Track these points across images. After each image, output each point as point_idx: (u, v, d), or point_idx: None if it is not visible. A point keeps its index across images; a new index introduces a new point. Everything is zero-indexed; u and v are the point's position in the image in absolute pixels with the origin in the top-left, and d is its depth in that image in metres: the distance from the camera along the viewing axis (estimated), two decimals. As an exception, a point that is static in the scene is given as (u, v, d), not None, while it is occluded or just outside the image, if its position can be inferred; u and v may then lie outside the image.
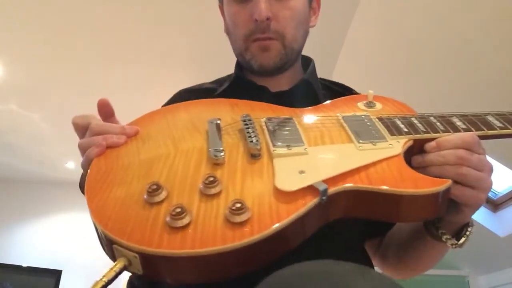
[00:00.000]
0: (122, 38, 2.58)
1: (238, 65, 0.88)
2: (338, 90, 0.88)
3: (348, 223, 0.61)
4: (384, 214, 0.55)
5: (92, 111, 0.81)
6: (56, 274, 3.87)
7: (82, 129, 0.62)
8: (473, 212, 0.61)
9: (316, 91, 0.84)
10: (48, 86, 3.04)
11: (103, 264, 0.49)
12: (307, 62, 0.92)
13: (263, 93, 0.81)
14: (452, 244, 0.63)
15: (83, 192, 0.56)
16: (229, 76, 0.92)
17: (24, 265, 3.86)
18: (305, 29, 0.84)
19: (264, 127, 0.64)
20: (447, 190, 0.54)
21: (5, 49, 2.70)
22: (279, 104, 0.77)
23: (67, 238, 4.06)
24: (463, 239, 0.63)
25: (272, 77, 0.83)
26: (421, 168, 0.60)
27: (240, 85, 0.85)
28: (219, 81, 0.92)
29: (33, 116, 3.42)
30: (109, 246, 0.48)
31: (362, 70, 2.57)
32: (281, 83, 0.84)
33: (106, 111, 0.64)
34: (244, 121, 0.65)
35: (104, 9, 2.34)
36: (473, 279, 3.84)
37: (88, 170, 0.57)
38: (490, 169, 0.59)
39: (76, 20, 2.43)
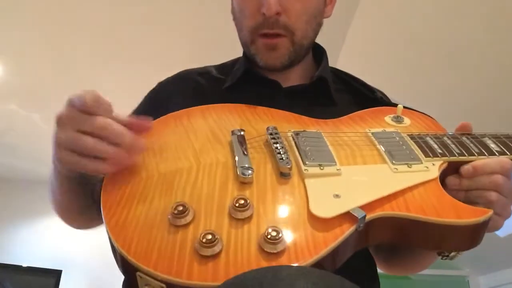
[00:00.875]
0: (123, 39, 2.57)
1: (245, 53, 0.83)
2: (358, 88, 0.83)
3: None
4: (421, 242, 0.53)
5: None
6: (56, 274, 3.86)
7: (81, 111, 0.51)
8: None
9: (330, 87, 0.80)
10: (48, 86, 3.03)
11: (103, 264, 0.48)
12: (319, 50, 0.86)
13: (275, 89, 0.78)
14: (443, 257, 0.61)
15: (98, 203, 0.52)
16: (233, 62, 0.87)
17: (24, 265, 3.85)
18: (319, 22, 0.78)
19: (292, 142, 0.60)
20: (488, 220, 0.51)
21: (5, 49, 2.69)
22: (292, 101, 0.75)
23: (67, 238, 4.04)
24: (454, 253, 0.61)
25: (282, 71, 0.79)
26: (454, 191, 0.58)
27: (250, 79, 0.79)
28: (224, 68, 0.87)
29: (33, 116, 3.41)
30: (131, 272, 0.44)
31: (363, 68, 2.56)
32: (292, 77, 0.81)
33: (105, 108, 0.53)
34: (271, 134, 0.61)
35: (105, 9, 2.34)
36: (473, 279, 3.84)
37: (102, 185, 0.53)
38: None
39: (77, 20, 2.42)
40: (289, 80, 0.80)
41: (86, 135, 0.51)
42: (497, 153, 0.61)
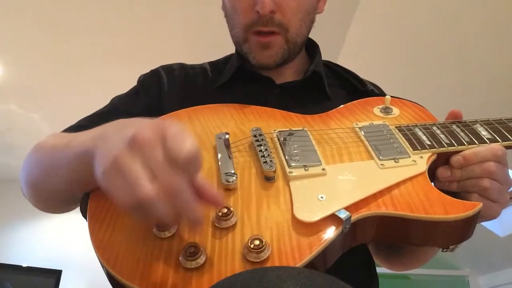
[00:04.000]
0: (123, 38, 2.57)
1: (238, 51, 0.81)
2: (350, 81, 0.82)
3: None
4: (411, 239, 0.52)
5: (92, 110, 0.80)
6: (56, 274, 3.86)
7: (169, 156, 0.39)
8: (481, 222, 0.58)
9: (324, 81, 0.79)
10: (48, 86, 3.03)
11: (103, 264, 0.48)
12: (312, 45, 0.86)
13: (268, 86, 0.77)
14: (443, 249, 0.61)
15: (84, 215, 0.52)
16: (226, 59, 0.86)
17: (24, 265, 3.85)
18: (312, 18, 0.78)
19: (277, 142, 0.59)
20: (478, 213, 0.50)
21: (5, 49, 2.69)
22: (286, 98, 0.74)
23: (67, 238, 4.04)
24: (453, 245, 0.60)
25: (275, 69, 0.77)
26: (446, 182, 0.57)
27: (243, 76, 0.78)
28: (217, 65, 0.85)
29: (33, 116, 3.41)
30: (118, 287, 0.44)
31: (363, 67, 2.57)
32: (285, 74, 0.80)
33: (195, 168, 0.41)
34: (255, 136, 0.60)
35: (104, 9, 2.34)
36: (473, 279, 3.84)
37: (90, 195, 0.52)
38: (511, 183, 0.57)
39: (76, 20, 2.42)
40: (282, 77, 0.79)
41: (150, 180, 0.38)
42: (488, 141, 0.59)
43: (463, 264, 3.88)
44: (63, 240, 4.09)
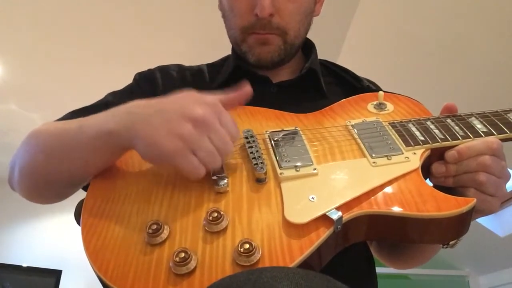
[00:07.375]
0: (122, 39, 2.57)
1: (235, 51, 0.81)
2: (347, 78, 0.83)
3: None
4: (405, 237, 0.52)
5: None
6: (56, 274, 3.86)
7: (217, 125, 0.51)
8: (480, 217, 0.57)
9: (320, 78, 0.79)
10: (48, 86, 3.03)
11: (103, 264, 0.49)
12: (308, 44, 0.86)
13: (265, 85, 0.77)
14: (444, 245, 0.60)
15: (78, 222, 0.53)
16: (223, 60, 0.86)
17: (24, 265, 3.85)
18: (309, 21, 0.78)
19: (268, 143, 0.59)
20: (472, 209, 0.49)
21: (5, 49, 2.69)
22: (283, 96, 0.74)
23: (67, 238, 4.04)
24: (453, 241, 0.59)
25: (271, 69, 0.78)
26: (442, 178, 0.56)
27: (240, 76, 0.77)
28: (214, 67, 0.85)
29: (33, 116, 3.41)
30: None
31: (363, 67, 2.56)
32: (281, 73, 0.80)
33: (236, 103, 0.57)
34: (246, 137, 0.60)
35: (104, 9, 2.34)
36: (473, 279, 3.83)
37: (84, 202, 0.53)
38: (508, 177, 0.56)
39: (77, 20, 2.42)
40: (279, 76, 0.79)
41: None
42: (483, 134, 0.57)
43: (463, 264, 3.87)
44: (63, 240, 4.09)
